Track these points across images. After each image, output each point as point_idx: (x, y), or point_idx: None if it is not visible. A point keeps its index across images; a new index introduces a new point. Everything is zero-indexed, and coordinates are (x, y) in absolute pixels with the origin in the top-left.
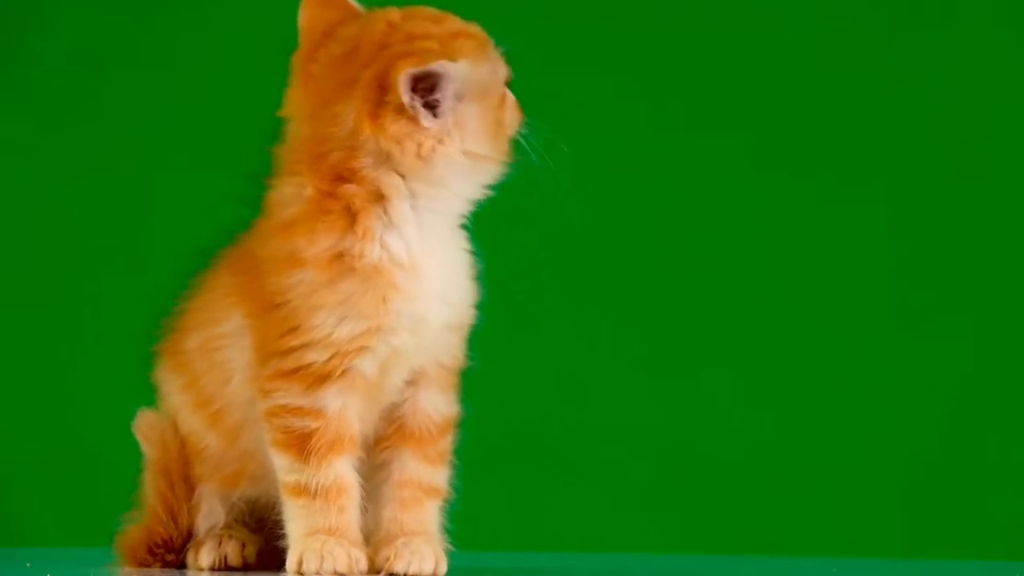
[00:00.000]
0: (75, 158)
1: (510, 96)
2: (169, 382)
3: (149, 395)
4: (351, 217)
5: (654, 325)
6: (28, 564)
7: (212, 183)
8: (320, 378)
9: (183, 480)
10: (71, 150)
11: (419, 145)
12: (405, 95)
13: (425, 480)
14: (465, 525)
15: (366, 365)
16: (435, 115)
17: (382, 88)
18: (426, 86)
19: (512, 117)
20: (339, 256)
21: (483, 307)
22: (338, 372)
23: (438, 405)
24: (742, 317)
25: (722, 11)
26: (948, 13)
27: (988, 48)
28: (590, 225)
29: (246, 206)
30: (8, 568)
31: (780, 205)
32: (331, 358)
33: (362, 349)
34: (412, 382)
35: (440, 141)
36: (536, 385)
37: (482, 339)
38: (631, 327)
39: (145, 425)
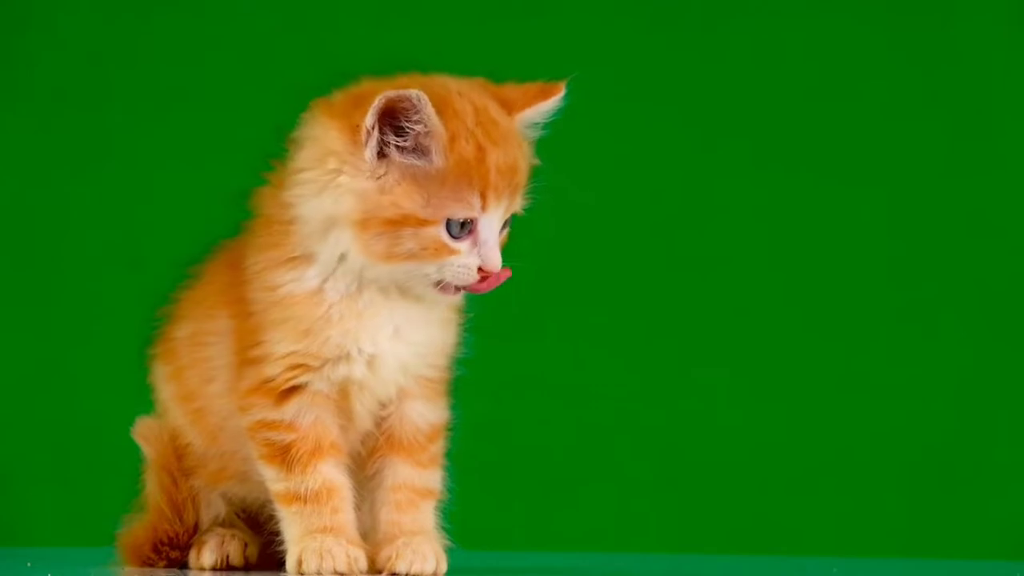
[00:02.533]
0: (75, 158)
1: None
2: (158, 370)
3: (148, 395)
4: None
5: (654, 325)
6: (28, 564)
7: (212, 183)
8: (283, 393)
9: (186, 477)
10: (71, 150)
11: None
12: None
13: (418, 483)
14: (465, 524)
15: (319, 384)
16: None
17: None
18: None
19: (414, 249)
20: (282, 278)
21: (483, 308)
22: (286, 386)
23: (425, 414)
24: (742, 317)
25: (722, 11)
26: (948, 13)
27: (988, 48)
28: (589, 226)
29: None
30: (8, 568)
31: (780, 205)
32: (281, 373)
33: (300, 368)
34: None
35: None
36: (536, 386)
37: (483, 341)
38: (631, 327)
39: (144, 428)
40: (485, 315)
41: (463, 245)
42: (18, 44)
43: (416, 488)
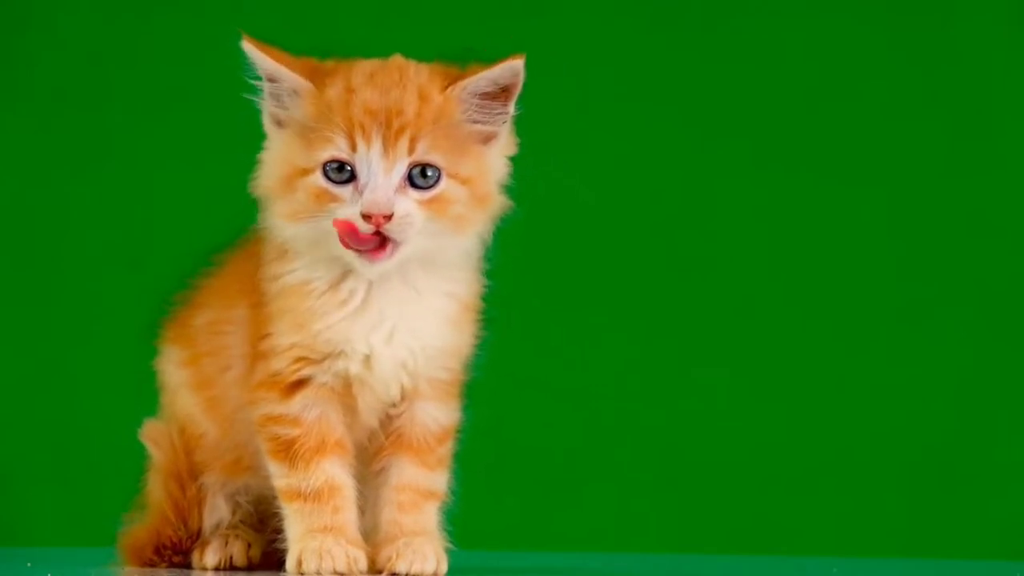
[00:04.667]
0: (75, 158)
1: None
2: (171, 354)
3: (150, 394)
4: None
5: (654, 325)
6: (28, 564)
7: (212, 183)
8: (289, 386)
9: (193, 481)
10: (71, 150)
11: None
12: None
13: (424, 485)
14: (466, 525)
15: (324, 378)
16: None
17: None
18: None
19: (301, 200)
20: (281, 269)
21: (485, 309)
22: (292, 380)
23: (436, 416)
24: (742, 317)
25: (722, 11)
26: (948, 13)
27: (988, 48)
28: (590, 225)
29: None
30: (8, 568)
31: (780, 205)
32: (286, 366)
33: (303, 361)
34: (405, 396)
35: None
36: (536, 386)
37: (483, 342)
38: (631, 327)
39: (152, 431)
40: (484, 315)
41: (345, 191)
42: (18, 44)
43: (421, 489)
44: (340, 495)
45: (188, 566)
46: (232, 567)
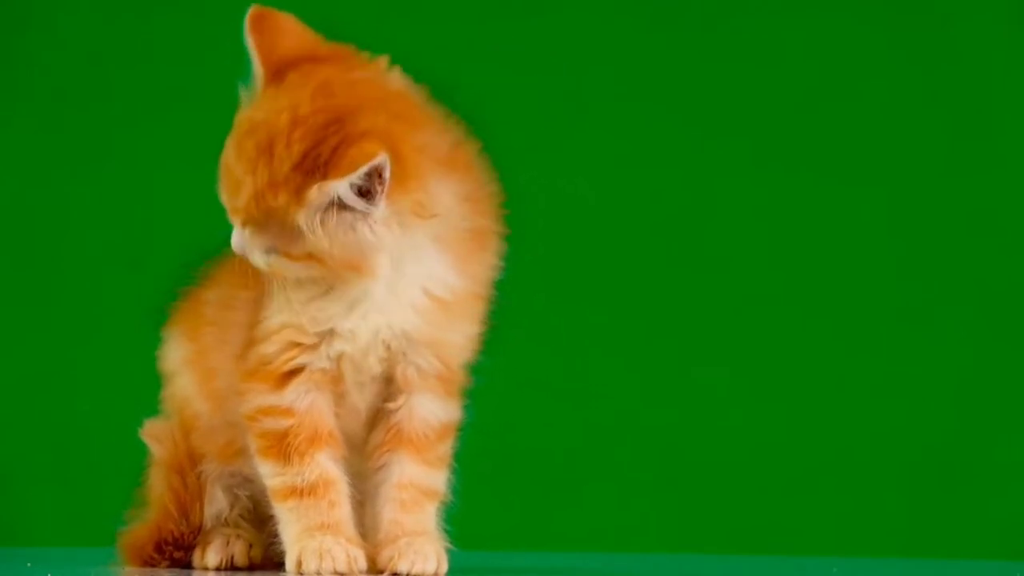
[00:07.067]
0: (75, 158)
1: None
2: (174, 332)
3: (151, 394)
4: None
5: (654, 325)
6: (28, 564)
7: (212, 183)
8: (281, 376)
9: (194, 471)
10: (71, 150)
11: None
12: None
13: (425, 483)
14: (466, 525)
15: (319, 363)
16: None
17: None
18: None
19: None
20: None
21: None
22: (284, 370)
23: (435, 411)
24: (742, 317)
25: (722, 11)
26: (948, 13)
27: (988, 48)
28: (590, 226)
29: None
30: (8, 568)
31: (780, 205)
32: (278, 351)
33: (296, 347)
34: (400, 389)
35: None
36: (536, 386)
37: (483, 342)
38: (631, 327)
39: (154, 428)
40: (486, 322)
41: None
42: (18, 44)
43: (422, 487)
44: (334, 489)
45: (189, 565)
46: (233, 567)
